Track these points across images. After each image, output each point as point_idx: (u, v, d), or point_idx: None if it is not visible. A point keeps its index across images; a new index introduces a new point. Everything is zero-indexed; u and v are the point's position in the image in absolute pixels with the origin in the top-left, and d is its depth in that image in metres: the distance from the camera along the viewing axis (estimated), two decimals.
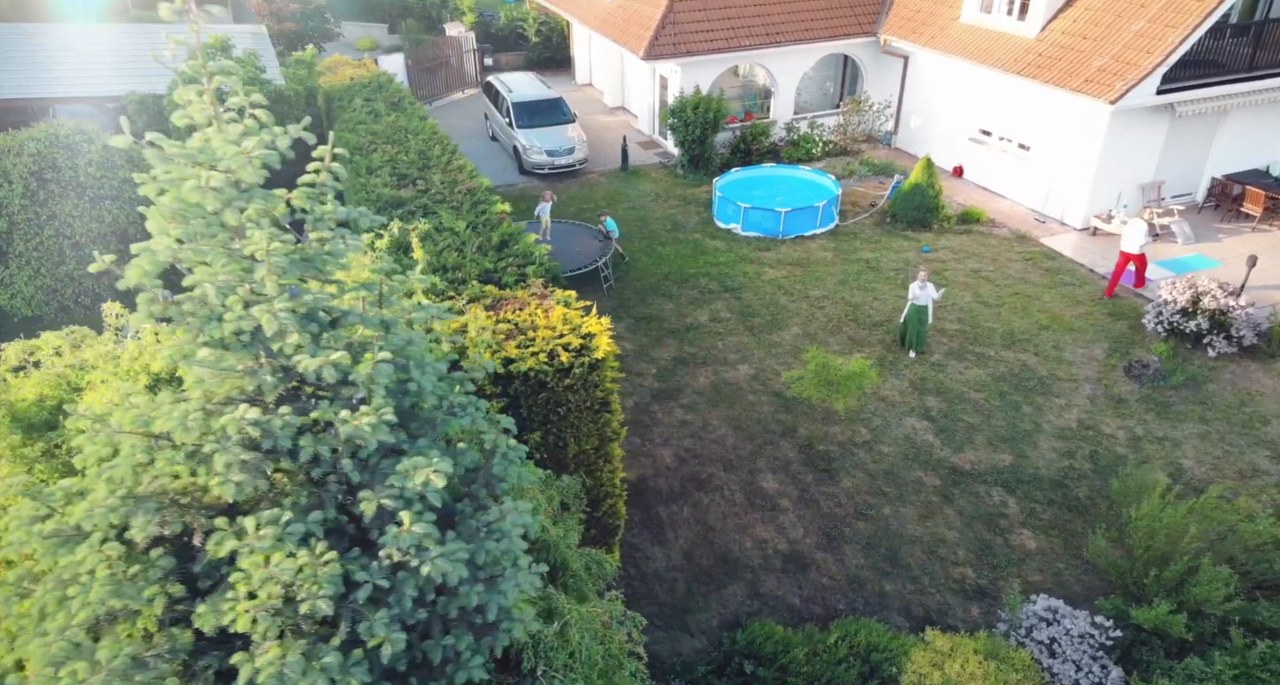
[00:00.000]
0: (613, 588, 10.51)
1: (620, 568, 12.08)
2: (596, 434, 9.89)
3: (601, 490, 10.32)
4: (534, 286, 10.79)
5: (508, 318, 9.93)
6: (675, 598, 11.80)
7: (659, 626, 11.38)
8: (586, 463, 10.02)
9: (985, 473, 13.95)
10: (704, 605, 11.71)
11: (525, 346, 9.35)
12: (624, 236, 21.18)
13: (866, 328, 17.57)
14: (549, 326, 9.72)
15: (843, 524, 13.00)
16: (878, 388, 15.75)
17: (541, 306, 10.22)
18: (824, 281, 19.27)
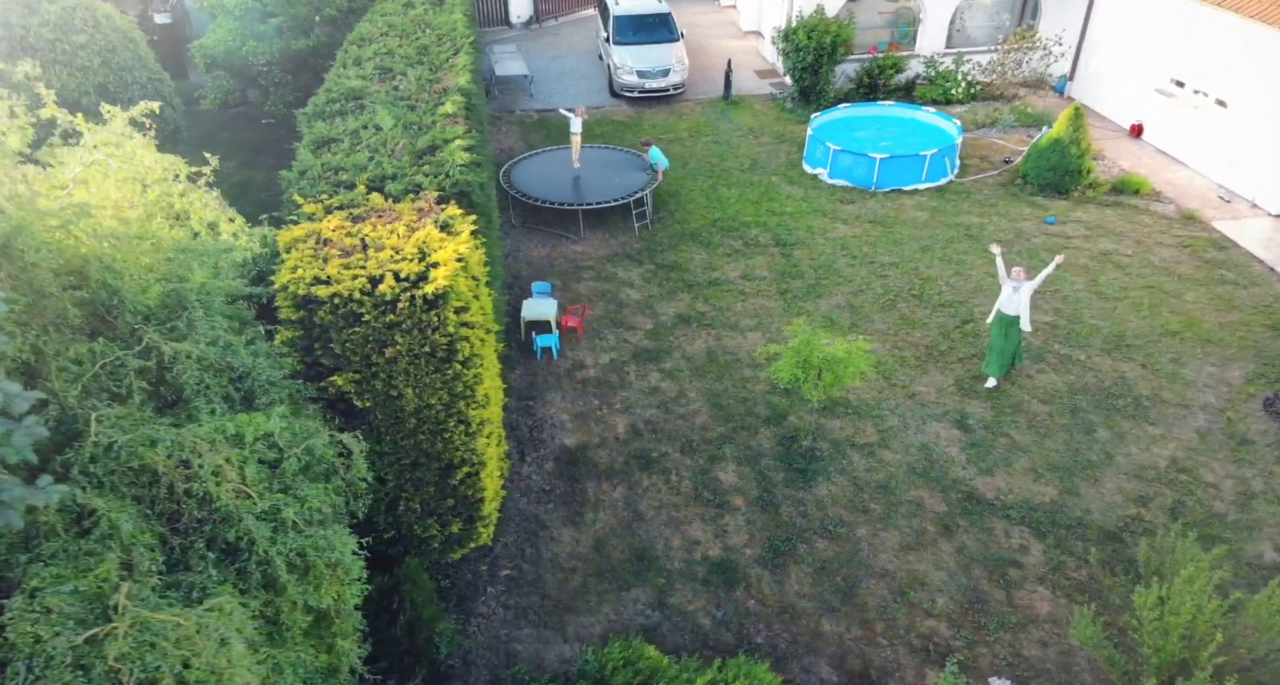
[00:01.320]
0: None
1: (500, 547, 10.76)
2: (445, 389, 8.49)
3: (456, 457, 8.95)
4: (423, 200, 9.40)
5: (363, 232, 8.65)
6: (565, 592, 10.35)
7: (531, 622, 10.01)
8: (434, 422, 8.68)
9: (1012, 506, 11.27)
10: (595, 608, 10.19)
11: (352, 267, 8.05)
12: (687, 173, 19.22)
13: (929, 307, 14.82)
14: (396, 247, 8.35)
15: (799, 538, 10.92)
16: (911, 381, 13.20)
17: (415, 223, 8.84)
18: (901, 247, 16.50)
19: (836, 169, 18.89)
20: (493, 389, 9.68)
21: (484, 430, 9.03)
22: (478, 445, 8.98)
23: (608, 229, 17.20)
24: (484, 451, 9.14)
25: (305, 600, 6.31)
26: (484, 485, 9.23)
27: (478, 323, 8.77)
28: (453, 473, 9.03)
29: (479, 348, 8.72)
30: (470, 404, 8.69)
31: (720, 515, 11.26)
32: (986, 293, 15.10)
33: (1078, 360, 13.64)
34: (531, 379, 13.35)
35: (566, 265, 16.08)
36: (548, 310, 13.89)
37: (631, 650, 8.91)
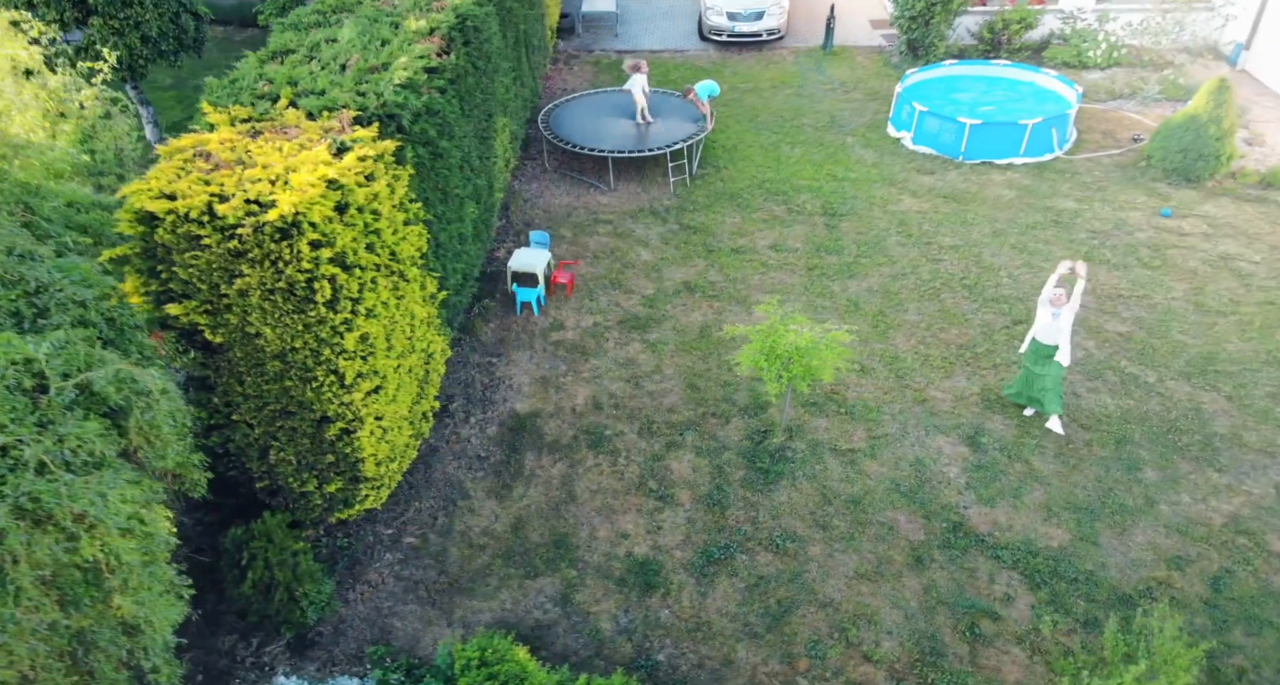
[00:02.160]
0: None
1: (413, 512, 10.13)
2: (309, 333, 7.82)
3: (329, 410, 8.31)
4: (336, 118, 8.67)
5: (250, 148, 8.02)
6: (465, 571, 9.65)
7: (419, 598, 9.39)
8: (302, 368, 8.05)
9: (1007, 546, 9.62)
10: (492, 593, 9.44)
11: (210, 184, 7.45)
12: (754, 127, 17.72)
13: (978, 300, 12.94)
14: (266, 165, 7.67)
15: (740, 547, 9.73)
16: (928, 384, 11.53)
17: (309, 143, 8.13)
18: (970, 228, 14.52)
19: (921, 134, 16.89)
20: (398, 339, 8.96)
21: (363, 385, 8.34)
22: (354, 400, 8.31)
23: (643, 181, 16.08)
24: (364, 408, 8.47)
25: (37, 553, 5.86)
26: (361, 446, 8.58)
27: (364, 262, 8.02)
28: (326, 427, 8.43)
29: (358, 290, 7.97)
30: (341, 354, 8.01)
31: (660, 509, 10.21)
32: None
33: (1144, 382, 11.52)
34: (503, 335, 12.60)
35: (585, 217, 15.14)
36: (536, 263, 13.05)
37: (493, 651, 8.11)
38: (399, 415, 9.34)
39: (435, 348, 10.44)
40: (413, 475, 10.59)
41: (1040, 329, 10.28)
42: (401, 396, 9.37)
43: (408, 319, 9.34)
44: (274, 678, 8.57)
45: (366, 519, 10.09)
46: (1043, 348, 10.33)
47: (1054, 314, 10.11)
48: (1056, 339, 10.21)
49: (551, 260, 13.43)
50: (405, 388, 9.49)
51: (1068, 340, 10.21)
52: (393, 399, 9.04)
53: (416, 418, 9.97)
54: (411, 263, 9.37)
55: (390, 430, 9.13)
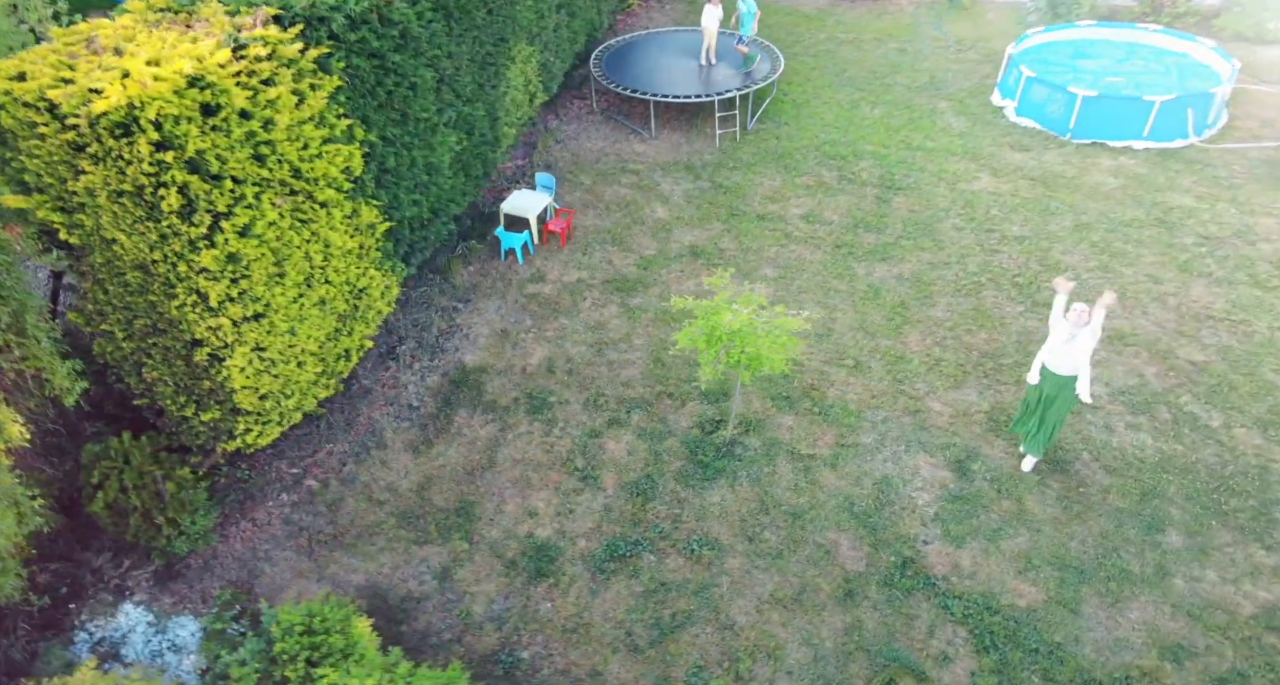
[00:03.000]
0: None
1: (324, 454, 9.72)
2: (166, 246, 7.37)
3: (197, 332, 7.87)
4: (253, 17, 8.10)
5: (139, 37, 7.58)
6: (354, 527, 9.18)
7: (299, 547, 9.00)
8: (165, 282, 7.63)
9: (963, 595, 8.20)
10: (373, 554, 8.92)
11: (63, 69, 7.07)
12: (836, 82, 16.09)
13: (1026, 303, 11.14)
14: (135, 54, 7.20)
15: (651, 547, 8.76)
16: (929, 393, 10.01)
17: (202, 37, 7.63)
18: (1050, 218, 12.55)
19: (1026, 104, 14.79)
20: (296, 267, 8.39)
21: (233, 309, 7.87)
22: (222, 325, 7.87)
23: (690, 132, 14.91)
24: (236, 336, 8.02)
25: None
26: (231, 375, 8.17)
27: (241, 175, 7.48)
28: (196, 351, 8.07)
29: (229, 205, 7.44)
30: (202, 272, 7.55)
31: (580, 490, 9.36)
32: (1129, 300, 11.08)
33: (1204, 425, 9.54)
34: (479, 281, 11.95)
35: (613, 164, 14.18)
36: (530, 207, 12.27)
37: (323, 619, 7.56)
38: (299, 350, 8.88)
39: (372, 284, 9.91)
40: (336, 415, 10.20)
41: (1052, 352, 8.55)
42: (305, 330, 8.90)
43: (320, 247, 8.80)
44: (123, 604, 8.45)
45: (273, 454, 9.81)
46: (1056, 377, 8.61)
47: (1071, 336, 8.40)
48: (1074, 367, 8.50)
49: (552, 206, 12.63)
50: (313, 322, 9.01)
51: (1088, 370, 8.50)
52: (288, 332, 8.58)
53: (332, 355, 9.52)
54: (331, 185, 8.82)
55: (280, 364, 8.69)
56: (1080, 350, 8.32)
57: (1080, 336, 8.30)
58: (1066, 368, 8.51)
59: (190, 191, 7.22)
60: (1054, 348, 8.46)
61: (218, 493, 9.46)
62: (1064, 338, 8.37)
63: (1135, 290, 11.22)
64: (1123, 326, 10.74)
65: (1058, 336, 8.39)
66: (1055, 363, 8.51)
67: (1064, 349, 8.39)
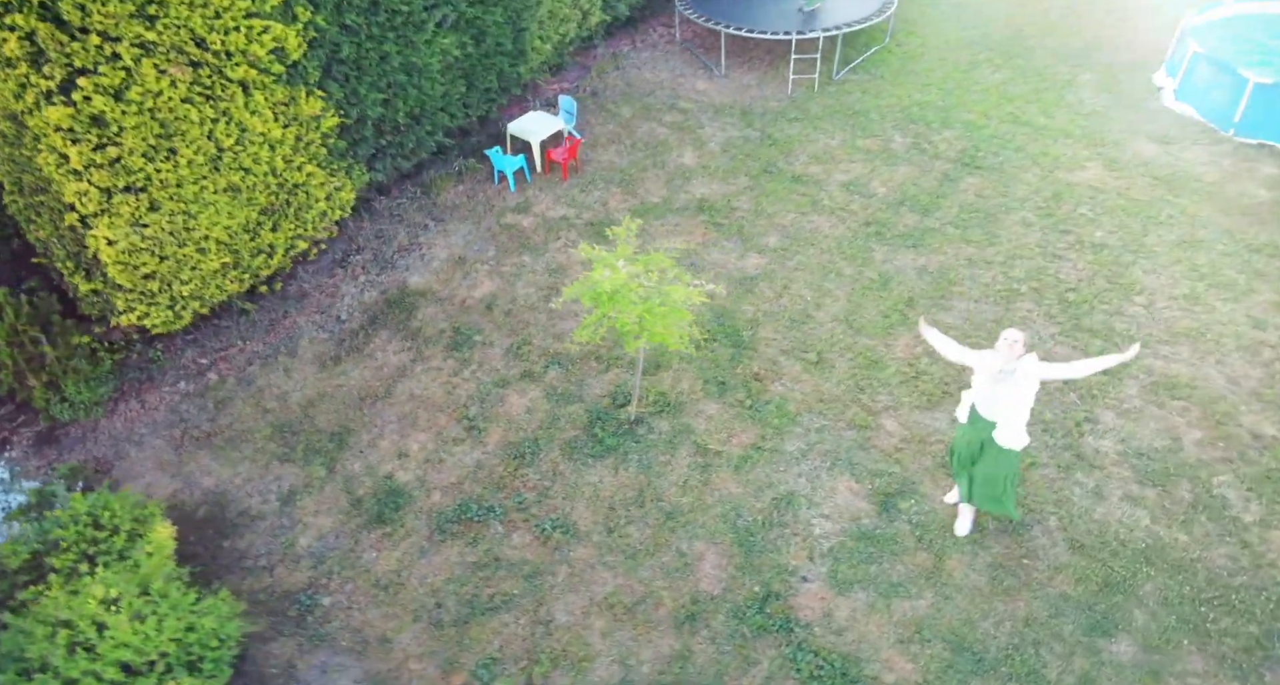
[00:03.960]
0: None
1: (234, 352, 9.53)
2: (25, 97, 7.20)
3: (64, 193, 7.76)
4: None
5: None
6: (230, 429, 8.98)
7: (169, 440, 8.91)
8: (33, 136, 7.47)
9: (821, 652, 6.88)
10: (234, 461, 8.68)
11: None
12: (965, 40, 14.00)
13: (1065, 326, 9.18)
14: None
15: (504, 516, 7.98)
16: (888, 409, 8.46)
17: None
18: (1152, 229, 10.27)
19: (1188, 87, 12.21)
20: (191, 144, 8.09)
21: (99, 176, 7.64)
22: (88, 190, 7.69)
23: (764, 74, 13.46)
24: (100, 205, 7.85)
25: None
26: (100, 248, 8.06)
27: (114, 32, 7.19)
28: (67, 214, 8.01)
29: (93, 61, 7.19)
30: (59, 131, 7.38)
31: (461, 441, 8.69)
32: (1206, 342, 8.91)
33: (1232, 516, 7.46)
34: (461, 201, 11.34)
35: (663, 99, 13.04)
36: (536, 131, 11.47)
37: (112, 514, 7.29)
38: (198, 235, 8.67)
39: (310, 181, 9.57)
40: (262, 314, 10.03)
41: (980, 392, 6.81)
42: (208, 215, 8.67)
43: (232, 129, 8.51)
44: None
45: (190, 341, 9.78)
46: (985, 423, 6.86)
47: (1005, 372, 6.65)
48: (1010, 409, 6.68)
49: (566, 132, 11.77)
50: (220, 208, 8.77)
51: (1021, 415, 6.70)
52: (180, 213, 8.37)
53: (247, 249, 9.28)
54: (253, 65, 8.45)
55: (170, 246, 8.53)
56: (1018, 394, 6.60)
57: (1018, 372, 6.57)
58: (991, 412, 6.81)
59: (39, 39, 7.06)
60: (981, 387, 6.78)
61: (127, 369, 9.60)
62: (992, 374, 6.65)
63: (1220, 332, 8.99)
64: (1181, 373, 8.63)
65: (984, 373, 6.69)
66: (983, 406, 6.84)
67: (993, 389, 6.69)
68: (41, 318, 8.93)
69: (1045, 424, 8.29)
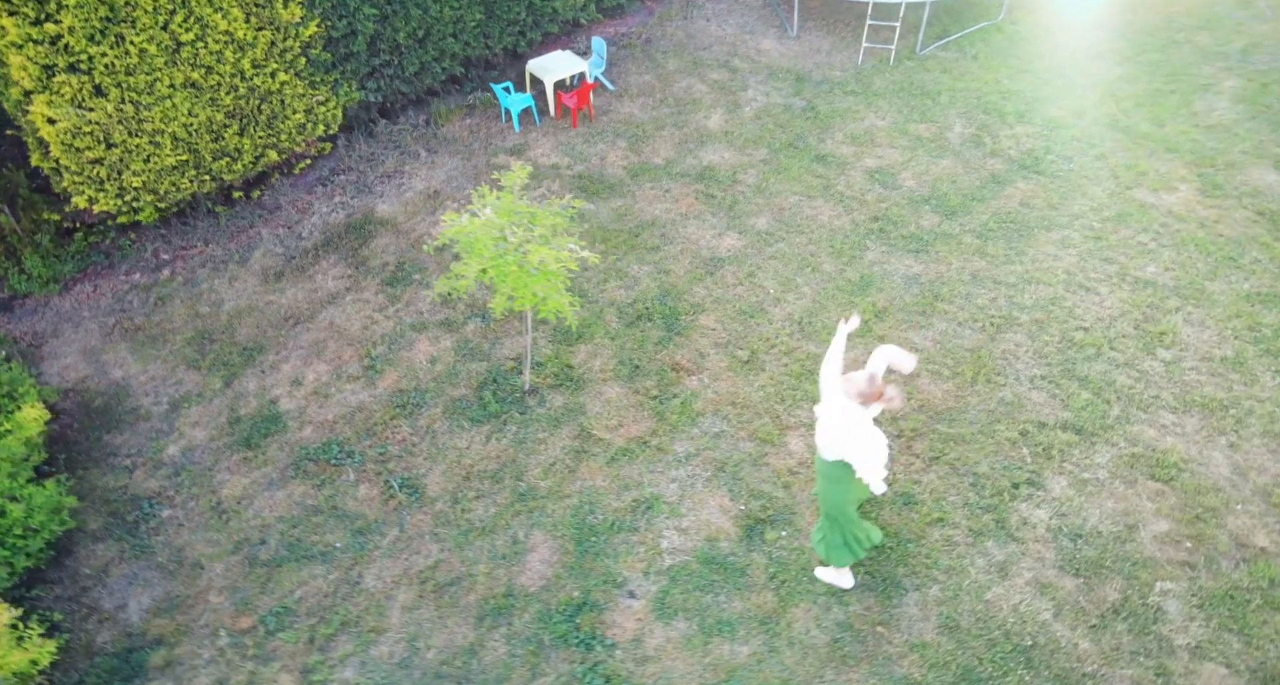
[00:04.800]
0: None
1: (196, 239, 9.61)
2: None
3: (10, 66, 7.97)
4: None
5: None
6: (158, 326, 9.13)
7: (102, 325, 9.17)
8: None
9: (618, 679, 6.19)
10: (151, 356, 8.83)
11: None
12: (1099, 19, 12.18)
13: (1051, 365, 7.80)
14: None
15: (356, 461, 7.70)
16: (801, 425, 7.46)
17: None
18: (1223, 272, 8.55)
19: None
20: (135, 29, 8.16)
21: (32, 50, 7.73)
22: (24, 64, 7.84)
23: (841, 39, 12.23)
24: (38, 81, 7.93)
25: None
26: (39, 125, 8.24)
27: None
28: (12, 87, 8.24)
29: None
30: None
31: (355, 379, 8.44)
32: (1224, 419, 7.33)
33: (1159, 634, 6.07)
34: (461, 136, 10.96)
35: (718, 55, 12.09)
36: (553, 70, 10.90)
37: None
38: (150, 127, 8.76)
39: (285, 90, 9.48)
40: (235, 220, 10.11)
41: (824, 445, 5.81)
42: (163, 109, 8.74)
43: (193, 25, 8.49)
44: None
45: (160, 234, 9.99)
46: (830, 471, 5.84)
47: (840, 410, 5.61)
48: (840, 453, 5.66)
49: (588, 75, 11.14)
50: (178, 104, 8.82)
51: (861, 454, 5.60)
52: (129, 102, 8.47)
53: (207, 150, 9.31)
54: None
55: (117, 133, 8.65)
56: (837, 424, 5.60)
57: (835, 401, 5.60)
58: (831, 454, 5.77)
59: None
60: (828, 437, 5.75)
61: (97, 253, 9.96)
62: (839, 420, 5.63)
63: (1250, 409, 7.33)
64: (1174, 449, 7.12)
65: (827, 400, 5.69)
66: (828, 445, 5.83)
67: (839, 434, 5.66)
68: (9, 190, 9.40)
69: (976, 477, 7.09)
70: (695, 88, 11.59)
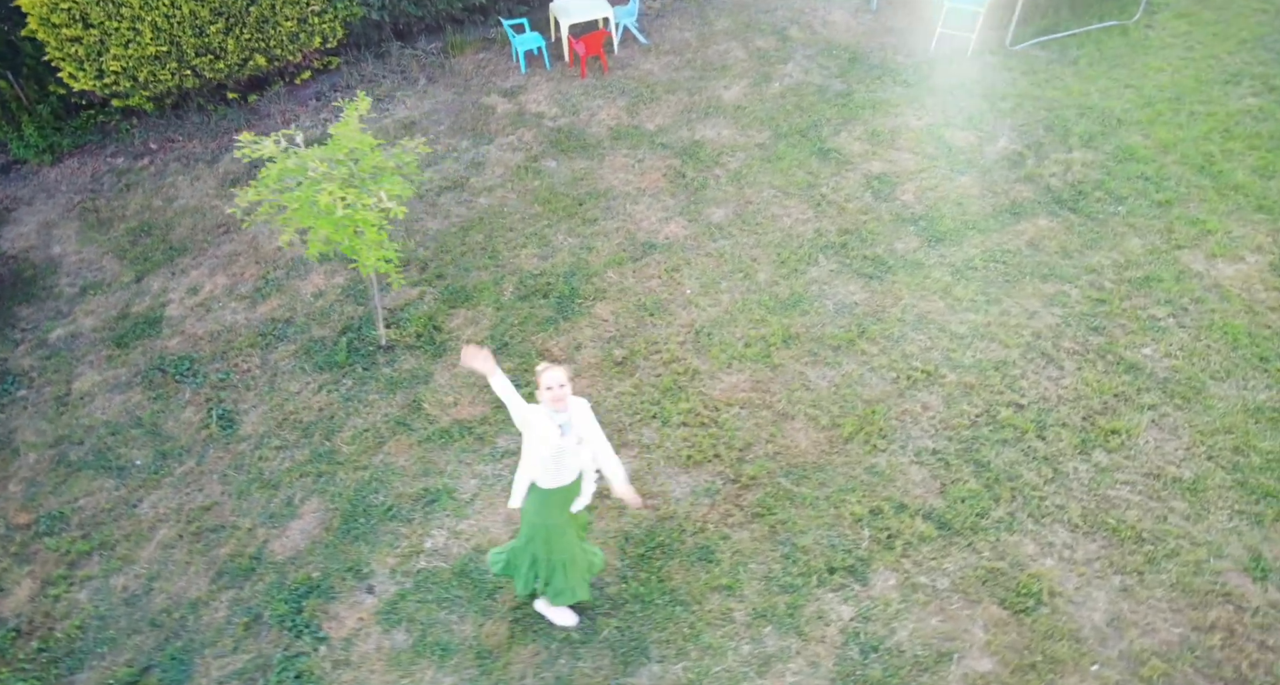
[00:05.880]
0: None
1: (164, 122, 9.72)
2: None
3: None
4: None
5: None
6: (104, 215, 9.30)
7: (69, 208, 9.49)
8: None
9: (306, 671, 5.75)
10: (89, 240, 9.03)
11: None
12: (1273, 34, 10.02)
13: (989, 423, 6.39)
14: None
15: (198, 382, 7.49)
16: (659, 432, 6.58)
17: None
18: (1233, 373, 6.71)
19: None
20: None
21: None
22: None
23: (927, 21, 10.65)
24: None
25: None
26: None
27: None
28: None
29: None
30: None
31: (243, 299, 8.20)
32: (1134, 555, 5.81)
33: None
34: (466, 69, 10.37)
35: (773, 22, 10.79)
36: (569, 11, 10.11)
37: None
38: (129, 14, 8.84)
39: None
40: (228, 121, 10.10)
41: (541, 462, 4.96)
42: None
43: None
44: None
45: (158, 126, 10.12)
46: (543, 499, 5.08)
47: (564, 426, 4.79)
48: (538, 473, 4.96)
49: (613, 22, 10.29)
50: None
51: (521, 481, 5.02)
52: None
53: (190, 45, 9.28)
54: None
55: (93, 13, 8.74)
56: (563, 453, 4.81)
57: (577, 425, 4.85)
58: (564, 478, 5.03)
59: None
60: (530, 460, 5.00)
61: (102, 132, 10.34)
62: (554, 431, 4.83)
63: (1180, 554, 5.75)
64: (1045, 576, 5.70)
65: (546, 432, 4.85)
66: (550, 476, 5.01)
67: (558, 451, 4.87)
68: (15, 58, 9.87)
69: (794, 549, 5.97)
70: (733, 53, 10.49)
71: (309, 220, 6.25)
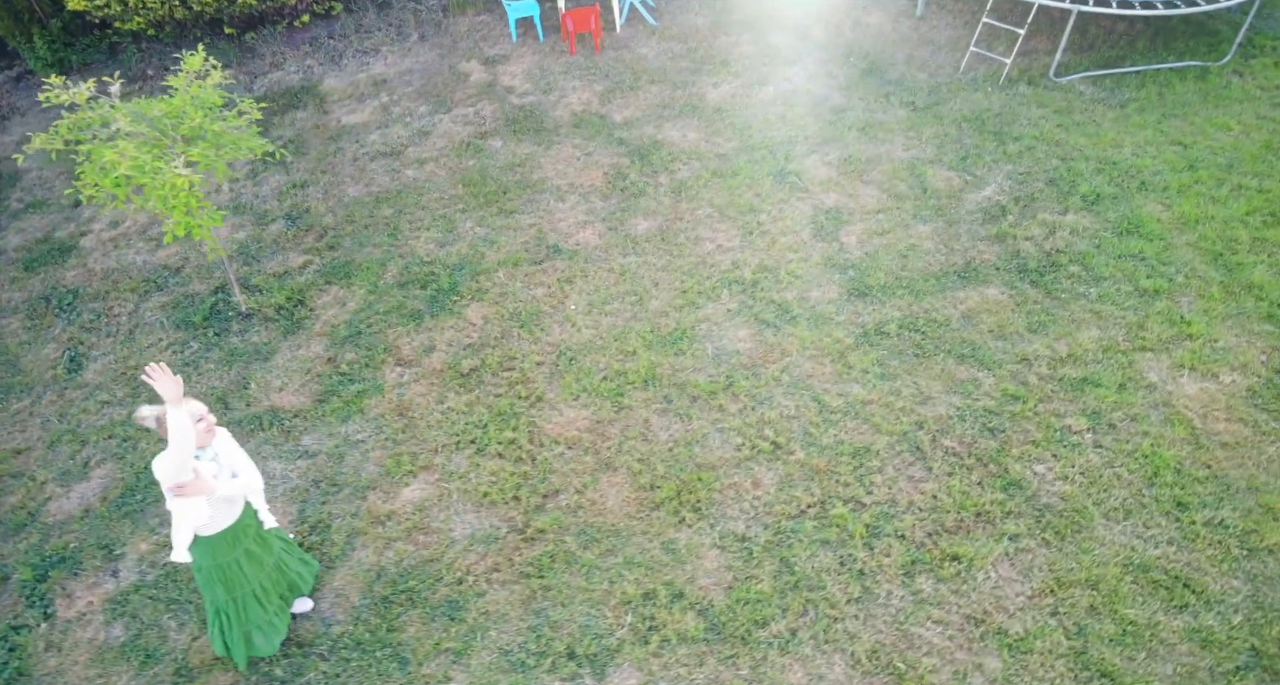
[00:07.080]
0: None
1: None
2: None
3: None
4: None
5: None
6: None
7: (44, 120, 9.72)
8: None
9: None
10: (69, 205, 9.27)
11: None
12: None
13: (808, 516, 5.56)
14: None
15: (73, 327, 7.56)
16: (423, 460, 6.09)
17: None
18: (1143, 511, 5.53)
19: None
20: None
21: None
22: None
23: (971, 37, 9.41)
24: None
25: None
26: None
27: None
28: None
29: None
30: None
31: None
32: None
33: None
34: (458, 31, 9.87)
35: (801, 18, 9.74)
36: None
37: None
38: None
39: None
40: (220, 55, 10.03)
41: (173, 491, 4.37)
42: None
43: None
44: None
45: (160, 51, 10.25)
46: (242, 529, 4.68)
47: (210, 458, 4.34)
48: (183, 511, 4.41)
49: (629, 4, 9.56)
50: None
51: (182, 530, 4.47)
52: None
53: None
54: None
55: None
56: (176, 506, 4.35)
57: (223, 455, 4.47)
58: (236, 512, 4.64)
59: None
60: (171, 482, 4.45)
61: (105, 51, 10.54)
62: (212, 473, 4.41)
63: None
64: None
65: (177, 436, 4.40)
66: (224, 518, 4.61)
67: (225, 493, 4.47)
68: None
69: (544, 621, 5.42)
70: (739, 48, 9.58)
71: (93, 176, 6.04)
